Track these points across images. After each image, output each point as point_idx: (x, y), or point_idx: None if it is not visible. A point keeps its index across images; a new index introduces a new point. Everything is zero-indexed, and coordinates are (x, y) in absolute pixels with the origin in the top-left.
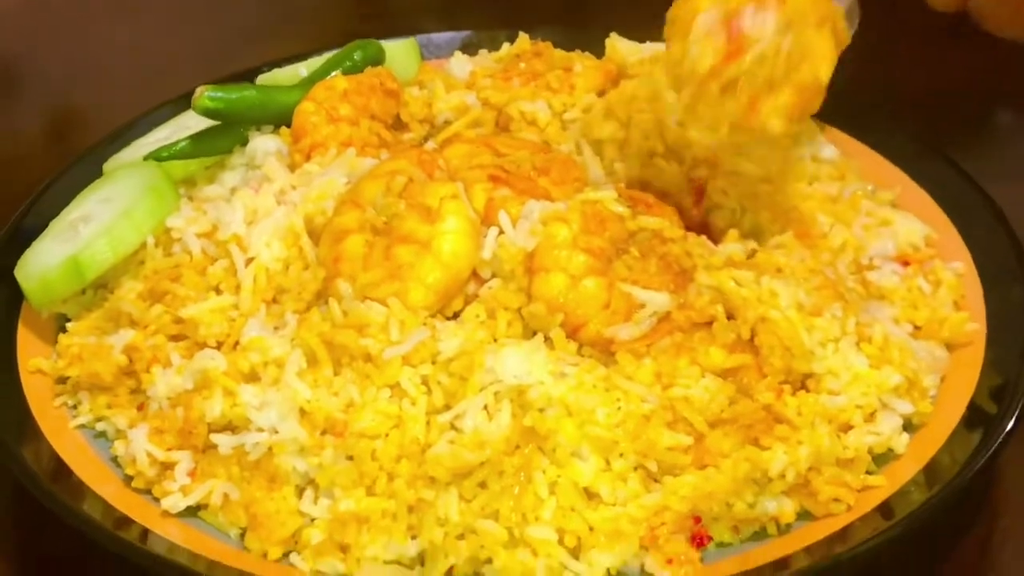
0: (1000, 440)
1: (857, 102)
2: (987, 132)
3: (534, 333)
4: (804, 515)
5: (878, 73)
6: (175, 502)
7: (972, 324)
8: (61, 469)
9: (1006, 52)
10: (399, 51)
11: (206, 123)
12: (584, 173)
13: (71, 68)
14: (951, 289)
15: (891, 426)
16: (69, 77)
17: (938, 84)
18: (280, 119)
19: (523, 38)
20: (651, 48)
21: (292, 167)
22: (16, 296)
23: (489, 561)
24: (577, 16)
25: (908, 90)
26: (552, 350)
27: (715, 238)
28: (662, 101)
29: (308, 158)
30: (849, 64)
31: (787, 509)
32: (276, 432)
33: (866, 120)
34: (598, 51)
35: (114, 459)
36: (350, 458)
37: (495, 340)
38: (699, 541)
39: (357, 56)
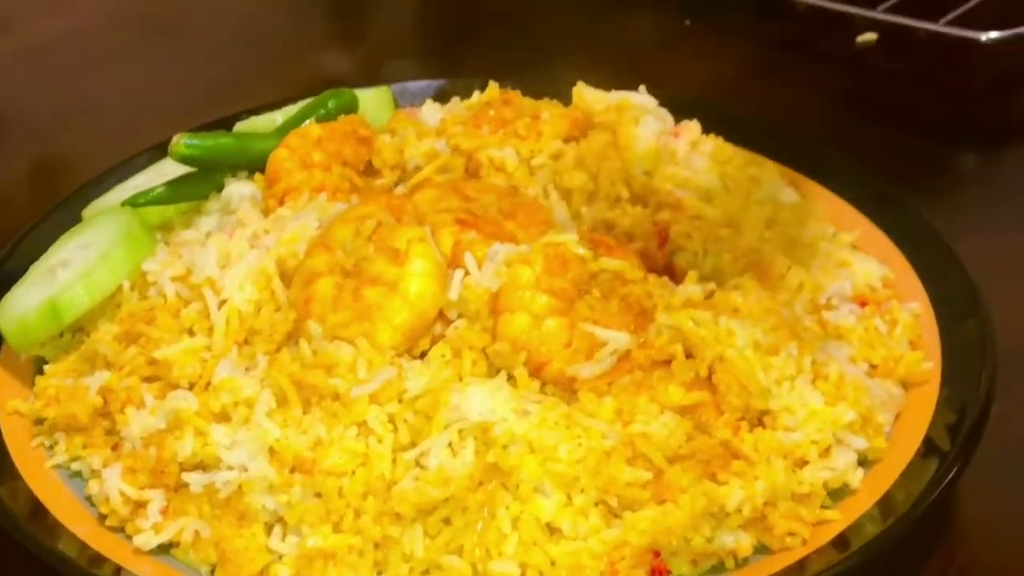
0: (953, 475)
1: (819, 148)
2: (948, 176)
3: (498, 372)
4: (761, 549)
5: (840, 119)
6: (147, 540)
7: (927, 363)
8: (37, 509)
9: (968, 98)
10: (372, 99)
11: (183, 170)
12: (550, 216)
13: (55, 116)
14: (907, 329)
15: (846, 461)
16: (53, 125)
17: (900, 129)
18: (255, 165)
19: (492, 86)
20: (616, 96)
21: (266, 212)
22: None
23: None
24: (545, 64)
25: (870, 135)
26: (516, 388)
27: (679, 280)
28: (630, 151)
29: (281, 203)
30: (813, 110)
31: (744, 543)
32: (246, 470)
33: (828, 165)
34: (566, 99)
35: (88, 498)
36: (318, 495)
37: (460, 379)
38: (659, 574)
39: (331, 104)
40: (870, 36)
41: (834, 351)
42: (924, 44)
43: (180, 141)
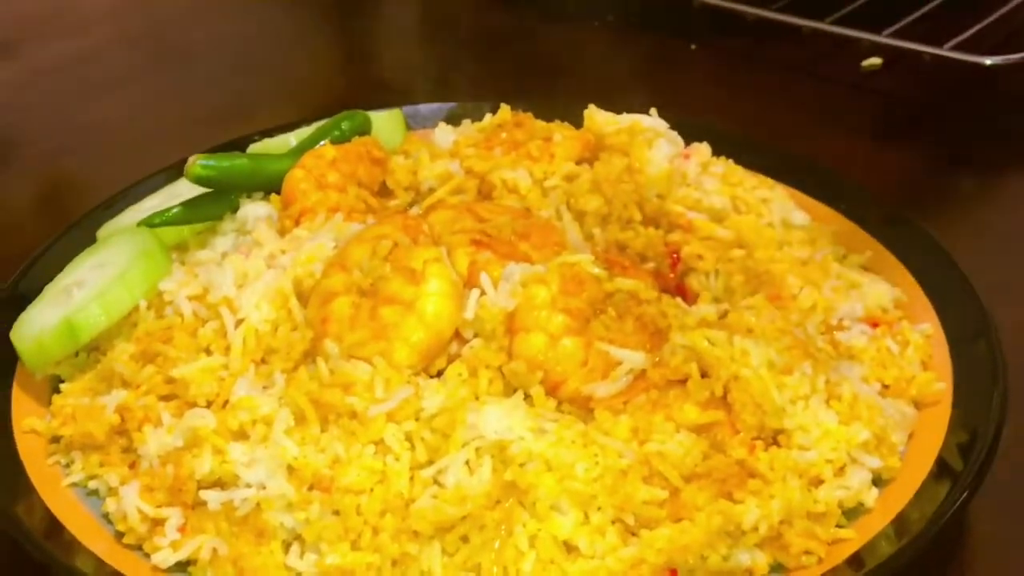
0: (966, 494)
1: (828, 170)
2: (954, 197)
3: (515, 390)
4: (776, 567)
5: (846, 142)
6: (165, 557)
7: (939, 383)
8: (54, 526)
9: (972, 120)
10: (385, 121)
11: (198, 190)
12: (563, 237)
13: (67, 138)
14: (919, 350)
15: (860, 480)
16: (65, 147)
17: (906, 152)
18: (270, 186)
19: (504, 109)
20: (627, 119)
21: (282, 232)
22: (11, 358)
23: None
24: (555, 87)
25: (875, 157)
26: (532, 407)
27: (691, 300)
28: (643, 174)
29: (297, 223)
30: (819, 134)
31: (760, 561)
32: (264, 488)
33: (837, 187)
34: (576, 121)
35: (105, 516)
36: (336, 513)
37: (477, 397)
38: None
39: (345, 126)
40: (875, 60)
41: (847, 371)
42: (929, 68)
43: (196, 162)
